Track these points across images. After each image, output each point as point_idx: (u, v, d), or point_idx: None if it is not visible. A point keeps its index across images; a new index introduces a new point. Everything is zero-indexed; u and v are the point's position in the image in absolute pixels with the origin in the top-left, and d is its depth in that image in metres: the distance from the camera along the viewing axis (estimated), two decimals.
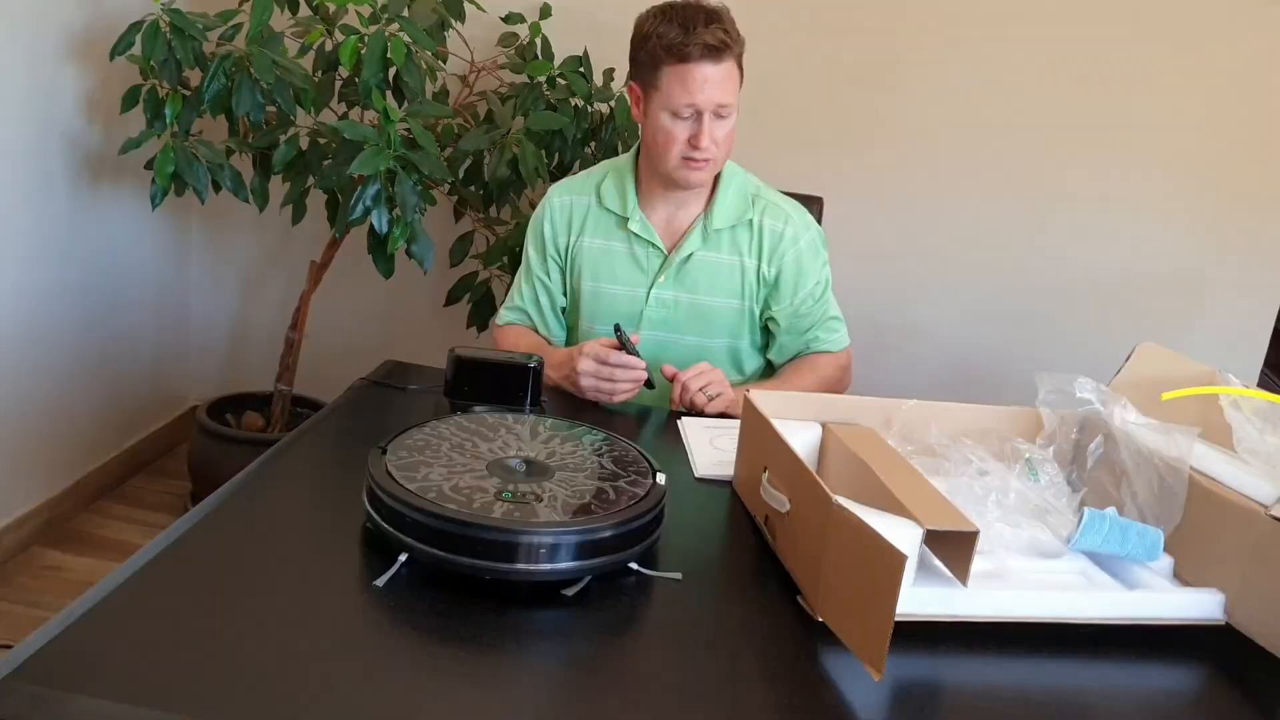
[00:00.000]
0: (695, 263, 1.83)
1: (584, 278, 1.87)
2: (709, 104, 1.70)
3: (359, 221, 2.27)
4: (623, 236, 1.85)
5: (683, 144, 1.73)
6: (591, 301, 1.88)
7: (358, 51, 2.24)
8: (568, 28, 2.61)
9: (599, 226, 1.86)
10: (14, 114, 2.31)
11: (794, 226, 1.83)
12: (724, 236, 1.83)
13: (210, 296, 3.08)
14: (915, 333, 2.73)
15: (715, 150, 1.74)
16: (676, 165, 1.75)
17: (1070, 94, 2.53)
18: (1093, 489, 1.34)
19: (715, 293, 1.84)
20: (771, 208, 1.84)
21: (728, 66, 1.70)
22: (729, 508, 1.38)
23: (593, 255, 1.86)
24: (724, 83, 1.70)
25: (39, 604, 2.33)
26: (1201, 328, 2.62)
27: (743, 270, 1.83)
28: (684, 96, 1.70)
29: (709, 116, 1.71)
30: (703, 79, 1.68)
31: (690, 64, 1.68)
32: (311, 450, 1.43)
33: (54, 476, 2.61)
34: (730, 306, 1.85)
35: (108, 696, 0.88)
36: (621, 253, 1.85)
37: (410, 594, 1.08)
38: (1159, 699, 1.07)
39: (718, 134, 1.73)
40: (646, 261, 1.85)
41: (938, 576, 1.13)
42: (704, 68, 1.68)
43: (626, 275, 1.86)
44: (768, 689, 1.00)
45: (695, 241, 1.82)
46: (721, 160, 1.79)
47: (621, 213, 1.84)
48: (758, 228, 1.83)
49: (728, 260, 1.83)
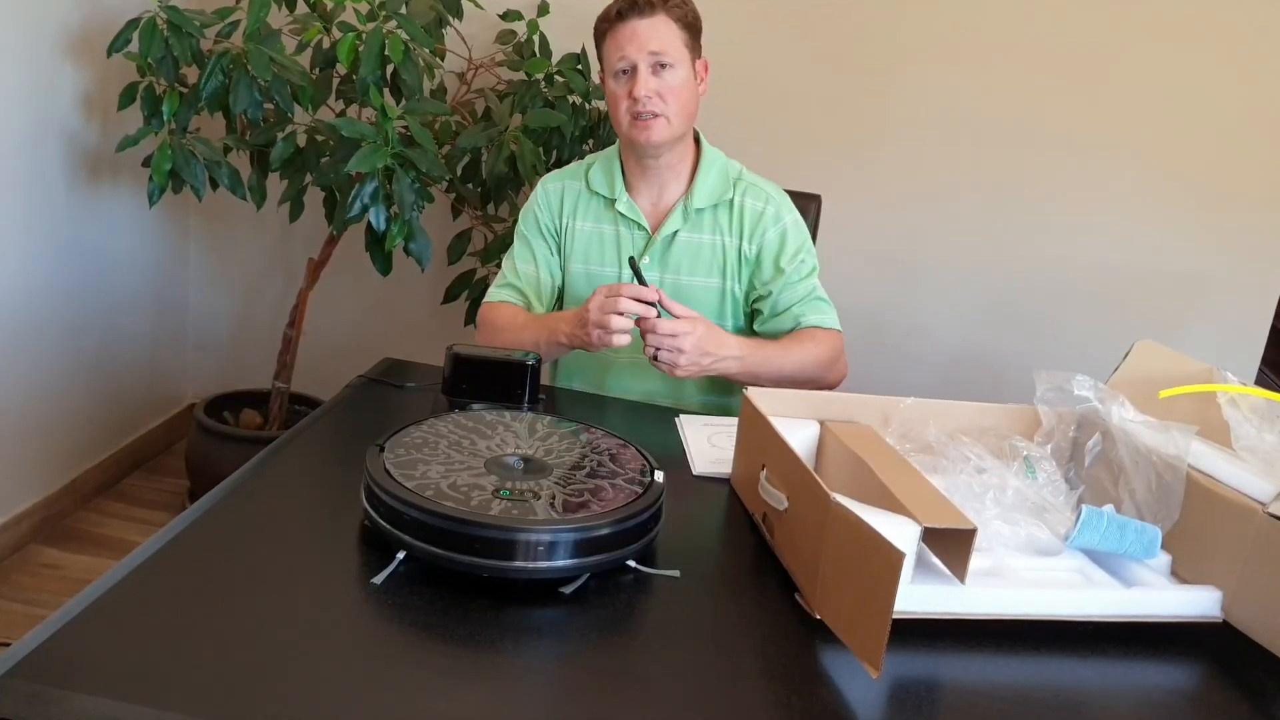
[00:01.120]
0: (678, 243, 1.85)
1: (574, 260, 1.90)
2: (640, 53, 1.73)
3: (357, 219, 2.27)
4: (611, 219, 1.88)
5: (626, 99, 1.75)
6: (583, 284, 1.90)
7: (355, 49, 2.23)
8: (565, 25, 2.61)
9: (589, 210, 1.89)
10: (11, 111, 2.31)
11: (774, 205, 1.85)
12: (705, 216, 1.85)
13: (208, 294, 3.08)
14: (913, 330, 2.74)
15: (660, 104, 1.75)
16: (628, 126, 1.77)
17: (1068, 92, 2.53)
18: (1090, 487, 1.34)
19: (697, 272, 1.86)
20: (752, 188, 1.86)
21: (660, 21, 1.74)
22: (727, 505, 1.38)
23: (584, 238, 1.89)
24: (655, 34, 1.73)
25: (36, 602, 2.33)
26: (1199, 325, 2.62)
27: (724, 250, 1.85)
28: (615, 52, 1.75)
29: (644, 68, 1.73)
30: (630, 32, 1.73)
31: (616, 21, 1.75)
32: (309, 448, 1.42)
33: (51, 474, 2.61)
34: (711, 286, 1.86)
35: (105, 694, 0.88)
36: (610, 235, 1.88)
37: (408, 592, 1.08)
38: (1156, 696, 1.07)
39: (660, 86, 1.74)
40: (632, 242, 1.87)
41: (936, 574, 1.13)
42: (630, 22, 1.74)
43: (615, 257, 1.88)
44: (766, 687, 1.00)
45: (677, 221, 1.84)
46: (677, 119, 1.77)
47: (609, 194, 1.86)
48: (738, 207, 1.84)
49: (709, 240, 1.85)
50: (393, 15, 2.26)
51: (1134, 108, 2.52)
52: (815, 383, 1.78)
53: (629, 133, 1.78)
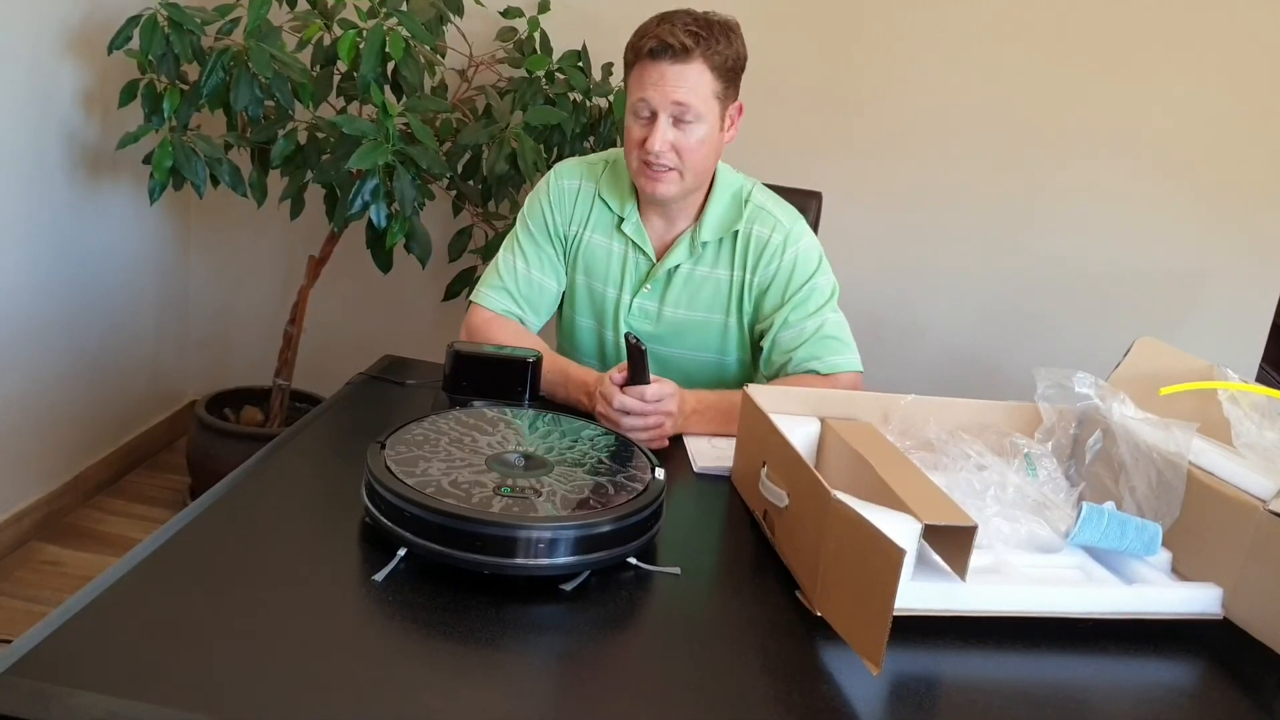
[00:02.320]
0: (680, 276, 1.76)
1: (579, 271, 1.82)
2: (663, 102, 1.59)
3: (357, 216, 2.27)
4: (618, 237, 1.78)
5: (639, 146, 1.63)
6: (583, 296, 1.83)
7: (356, 46, 2.23)
8: (566, 22, 2.61)
9: (601, 222, 1.79)
10: (12, 108, 2.31)
11: (783, 233, 1.72)
12: (710, 250, 1.75)
13: (209, 291, 3.08)
14: (914, 328, 2.74)
15: (674, 159, 1.62)
16: (636, 171, 1.66)
17: (1069, 90, 2.53)
18: (1091, 484, 1.34)
19: (697, 307, 1.77)
20: (763, 215, 1.74)
21: (693, 69, 1.58)
22: (727, 502, 1.39)
23: (591, 250, 1.80)
24: (683, 84, 1.58)
25: (37, 599, 2.33)
26: (1200, 322, 2.62)
27: (729, 284, 1.75)
28: (638, 91, 1.61)
29: (664, 117, 1.59)
30: (658, 75, 1.59)
31: (647, 59, 1.59)
32: (310, 445, 1.43)
33: (52, 471, 2.61)
34: (713, 321, 1.78)
35: (106, 691, 0.88)
36: (617, 254, 1.79)
37: (409, 589, 1.08)
38: (1157, 693, 1.07)
39: (678, 141, 1.61)
40: (635, 267, 1.78)
41: (936, 571, 1.13)
42: (660, 64, 1.58)
43: (615, 277, 1.79)
44: (766, 683, 1.00)
45: (681, 254, 1.74)
46: (692, 174, 1.65)
47: (619, 212, 1.77)
48: (745, 236, 1.73)
49: (713, 274, 1.75)
50: (393, 12, 2.26)
51: (1135, 105, 2.52)
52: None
53: (636, 178, 1.68)
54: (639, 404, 1.49)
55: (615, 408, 1.50)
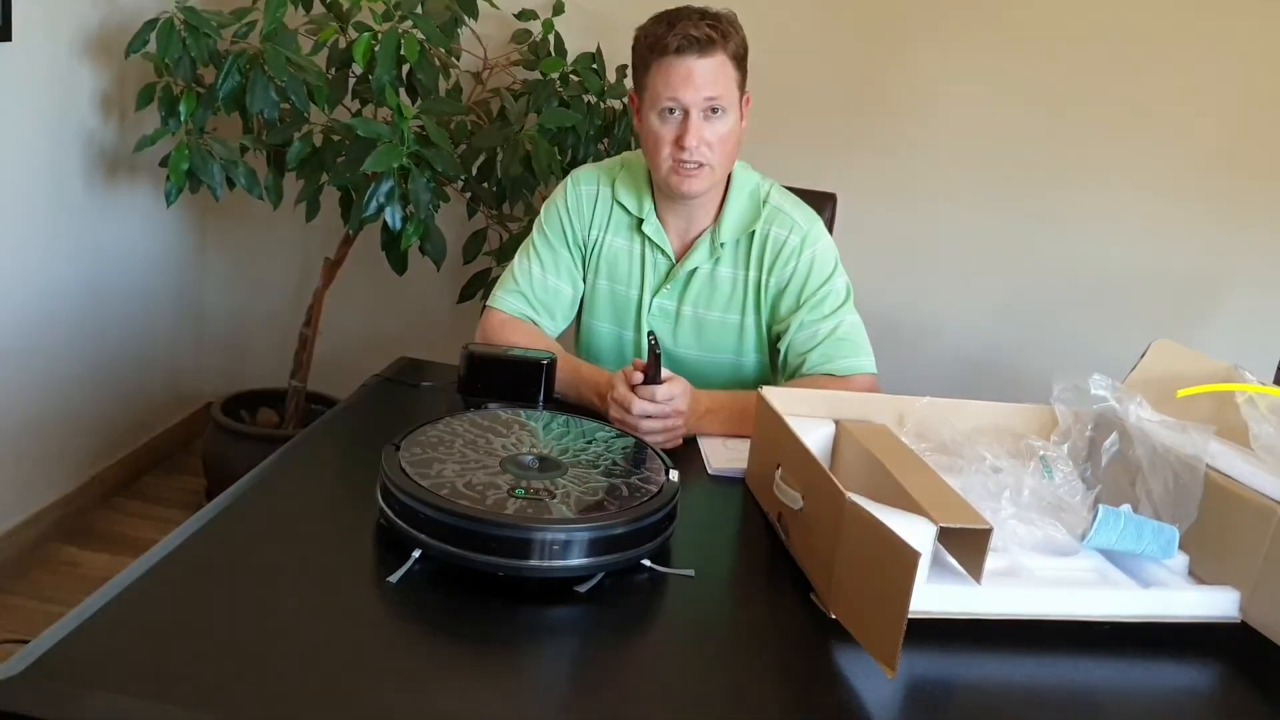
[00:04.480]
0: (699, 277, 1.77)
1: (600, 274, 1.82)
2: (695, 99, 1.60)
3: (372, 219, 2.27)
4: (637, 237, 1.79)
5: (671, 145, 1.63)
6: (604, 298, 1.84)
7: (371, 49, 2.24)
8: (580, 24, 2.61)
9: (619, 225, 1.80)
10: (30, 112, 2.32)
11: (799, 235, 1.73)
12: (729, 250, 1.76)
13: (224, 293, 3.09)
14: (929, 330, 2.73)
15: (708, 154, 1.64)
16: (668, 171, 1.66)
17: (1087, 90, 2.52)
18: (1107, 486, 1.33)
19: (714, 307, 1.78)
20: (780, 216, 1.74)
21: (717, 62, 1.61)
22: (742, 504, 1.38)
23: (612, 252, 1.80)
24: (712, 77, 1.61)
25: (54, 600, 2.34)
26: (1217, 324, 2.61)
27: (746, 284, 1.76)
28: (667, 91, 1.61)
29: (696, 114, 1.61)
30: (686, 72, 1.60)
31: (672, 56, 1.60)
32: (325, 447, 1.43)
33: (69, 473, 2.63)
34: (730, 322, 1.78)
35: (123, 692, 0.88)
36: (637, 254, 1.80)
37: (423, 590, 1.08)
38: (1173, 697, 1.07)
39: (709, 135, 1.63)
40: (654, 267, 1.79)
41: (951, 574, 1.13)
42: (687, 60, 1.59)
43: (635, 278, 1.80)
44: (781, 686, 1.00)
45: (701, 255, 1.75)
46: (721, 167, 1.68)
47: (637, 213, 1.77)
48: (762, 237, 1.74)
49: (731, 274, 1.77)
50: (408, 15, 2.27)
51: (1154, 107, 2.50)
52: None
53: (668, 179, 1.67)
54: (651, 405, 1.50)
55: (635, 412, 1.50)
